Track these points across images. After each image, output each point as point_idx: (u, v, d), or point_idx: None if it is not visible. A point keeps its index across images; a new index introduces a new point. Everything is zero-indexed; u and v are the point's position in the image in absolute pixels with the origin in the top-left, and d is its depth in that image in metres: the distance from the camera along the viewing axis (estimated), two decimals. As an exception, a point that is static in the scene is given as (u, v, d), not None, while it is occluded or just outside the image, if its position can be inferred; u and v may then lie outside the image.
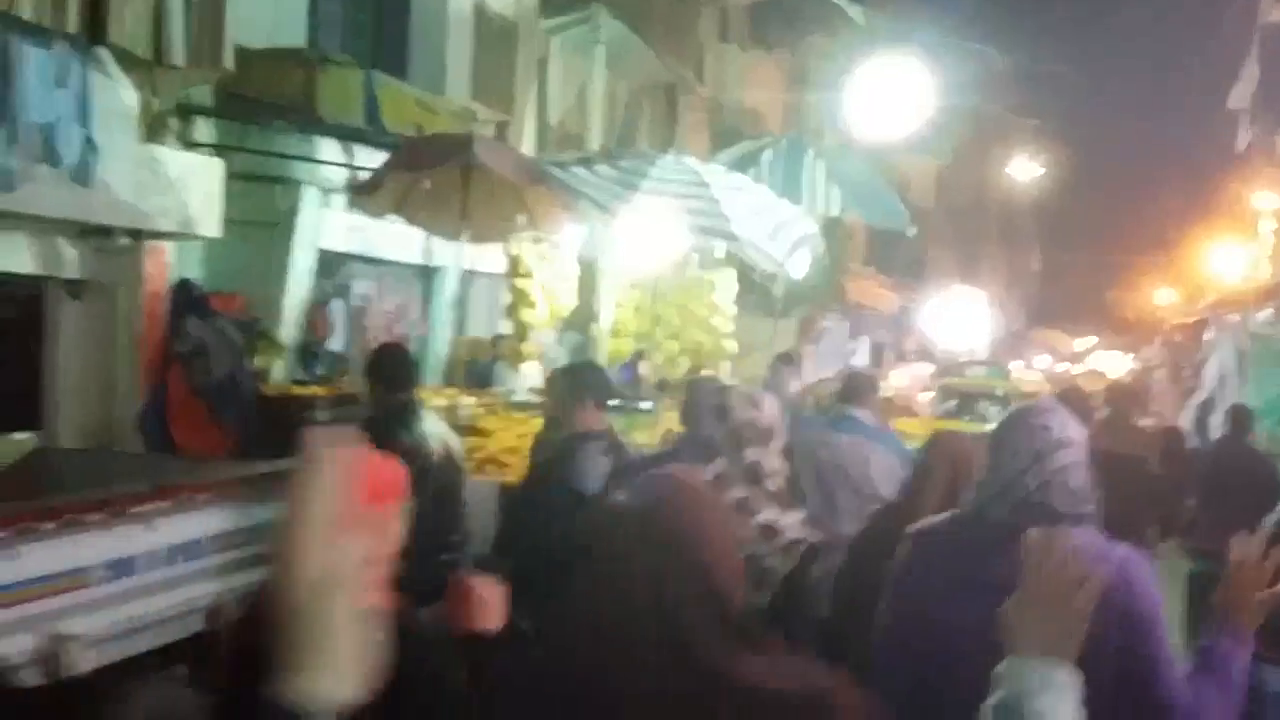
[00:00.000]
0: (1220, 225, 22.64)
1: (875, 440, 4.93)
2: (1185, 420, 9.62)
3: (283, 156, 9.25)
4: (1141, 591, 2.24)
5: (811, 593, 3.22)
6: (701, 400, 4.18)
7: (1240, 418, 7.01)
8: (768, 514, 3.19)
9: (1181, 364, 14.49)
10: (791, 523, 3.22)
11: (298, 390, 8.28)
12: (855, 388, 5.42)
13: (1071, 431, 2.43)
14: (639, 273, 9.20)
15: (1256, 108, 24.51)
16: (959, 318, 21.86)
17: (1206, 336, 12.23)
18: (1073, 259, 44.72)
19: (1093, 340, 34.55)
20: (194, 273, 8.16)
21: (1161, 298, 27.91)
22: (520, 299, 9.24)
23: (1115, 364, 24.48)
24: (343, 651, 1.08)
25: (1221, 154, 28.88)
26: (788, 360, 7.49)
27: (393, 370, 4.68)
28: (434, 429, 4.59)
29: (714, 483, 3.07)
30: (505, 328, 10.53)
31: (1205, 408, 9.94)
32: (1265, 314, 11.70)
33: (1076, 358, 30.94)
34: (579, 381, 4.61)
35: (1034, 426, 2.42)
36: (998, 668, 1.57)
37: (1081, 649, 1.56)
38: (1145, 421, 9.84)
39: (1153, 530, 6.05)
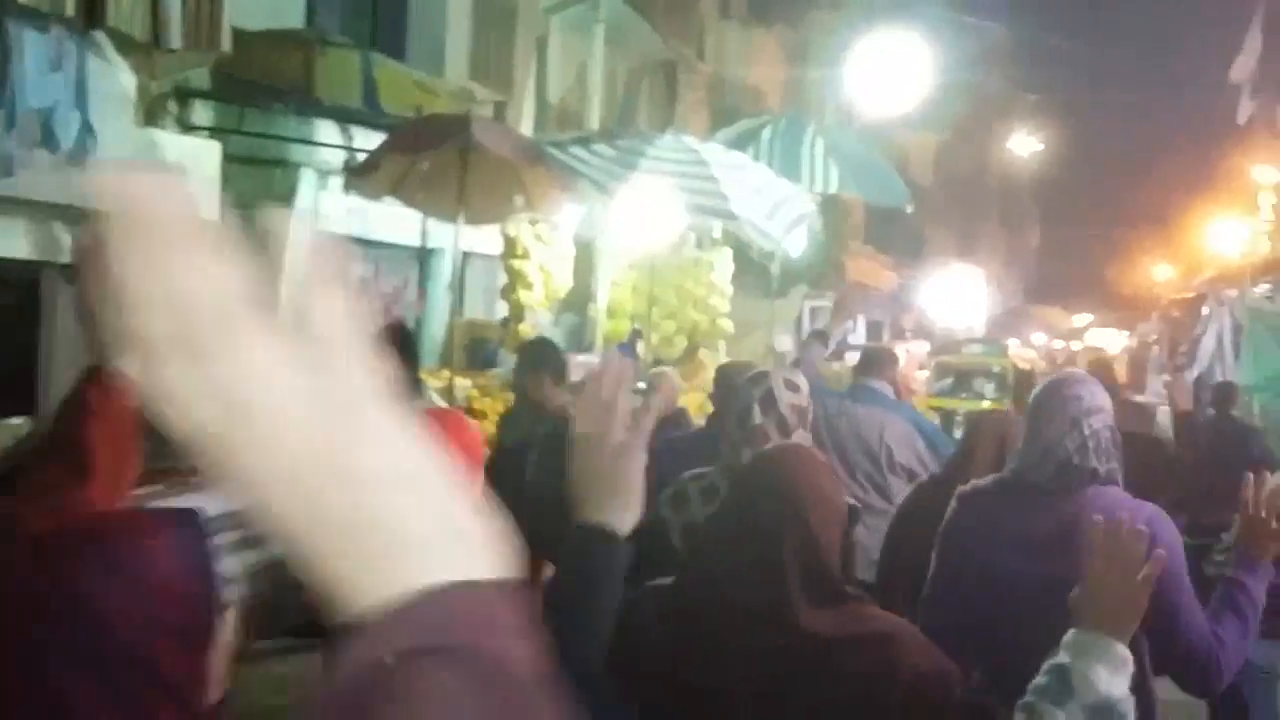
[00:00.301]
0: (1220, 200, 22.61)
1: (893, 411, 5.06)
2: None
3: (280, 139, 9.25)
4: (1169, 542, 2.39)
5: (852, 553, 3.37)
6: (741, 386, 4.20)
7: (1225, 394, 7.08)
8: None
9: (1179, 340, 14.51)
10: None
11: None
12: (873, 360, 5.54)
13: (1101, 399, 2.68)
14: (636, 253, 9.21)
15: (1258, 80, 24.43)
16: (956, 295, 21.87)
17: (1204, 312, 12.26)
18: (1071, 235, 44.71)
19: (1089, 317, 34.56)
20: (192, 256, 8.16)
21: (1159, 273, 27.91)
22: (517, 280, 9.25)
23: (1112, 340, 24.49)
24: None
25: (1222, 127, 28.84)
26: (821, 338, 7.77)
27: (399, 348, 4.74)
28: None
29: None
30: (502, 309, 10.56)
31: (1200, 383, 9.98)
32: (1263, 289, 11.72)
33: (1074, 334, 30.95)
34: (533, 357, 4.77)
35: (1068, 396, 2.66)
36: (1065, 637, 1.76)
37: None
38: (1140, 398, 9.88)
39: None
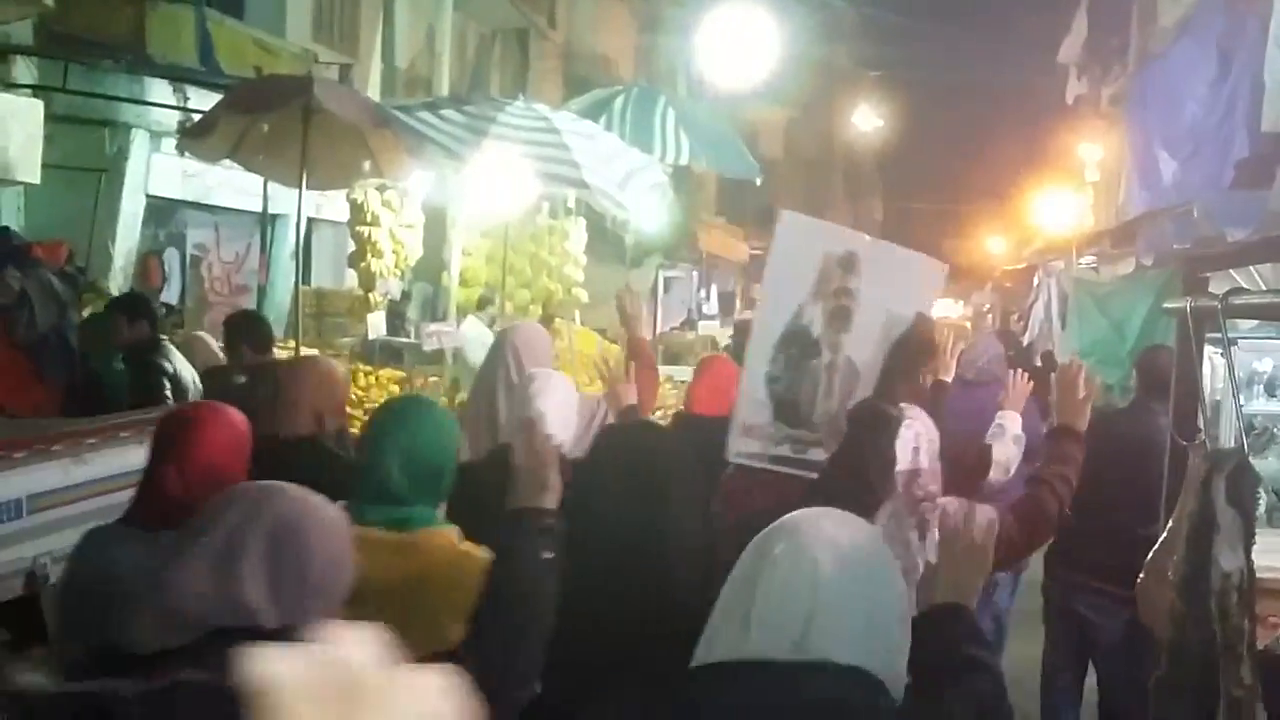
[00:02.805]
0: (1050, 176, 23.70)
1: None
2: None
3: (110, 98, 8.81)
4: None
5: None
6: None
7: (1048, 362, 7.46)
8: None
9: (1010, 309, 15.22)
10: None
11: (130, 343, 7.96)
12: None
13: None
14: (489, 221, 9.10)
15: (1084, 61, 25.66)
16: (805, 266, 22.37)
17: (1035, 282, 12.89)
18: (913, 208, 46.28)
19: (931, 287, 35.85)
20: (13, 221, 7.73)
21: (994, 246, 29.12)
22: (365, 247, 9.03)
23: (948, 309, 25.51)
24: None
25: (1052, 107, 30.17)
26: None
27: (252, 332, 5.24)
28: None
29: None
30: (351, 278, 10.31)
31: (1031, 350, 10.51)
32: (1087, 260, 12.38)
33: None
34: (234, 328, 5.44)
35: None
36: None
37: None
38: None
39: None
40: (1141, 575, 2.83)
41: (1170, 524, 2.70)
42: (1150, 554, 2.81)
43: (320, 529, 1.74)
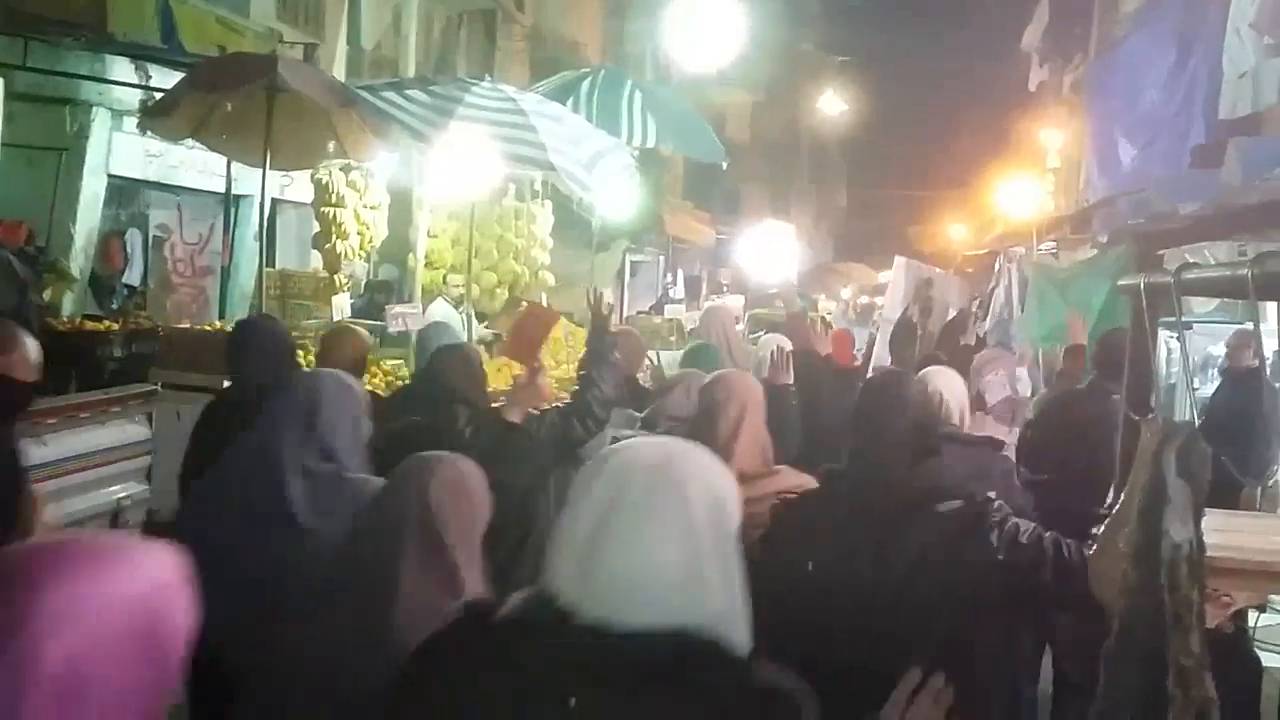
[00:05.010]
0: (1012, 162, 23.88)
1: None
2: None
3: (70, 76, 8.71)
4: None
5: None
6: None
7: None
8: None
9: (974, 293, 15.35)
10: None
11: (90, 324, 7.91)
12: None
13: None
14: (455, 203, 9.07)
15: (1046, 48, 25.86)
16: (770, 251, 22.46)
17: (996, 268, 13.01)
18: (876, 194, 46.45)
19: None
20: (-29, 200, 7.62)
21: (956, 232, 29.30)
22: (330, 228, 8.97)
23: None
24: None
25: (1015, 94, 30.34)
26: None
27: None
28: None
29: None
30: (315, 259, 10.24)
31: (993, 334, 10.62)
32: (1047, 245, 12.51)
33: (880, 289, 32.29)
34: None
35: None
36: None
37: None
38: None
39: None
40: (1093, 548, 2.90)
41: (1122, 497, 2.77)
42: (1102, 527, 2.87)
43: None
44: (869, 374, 4.27)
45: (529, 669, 1.53)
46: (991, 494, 2.71)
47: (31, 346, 3.40)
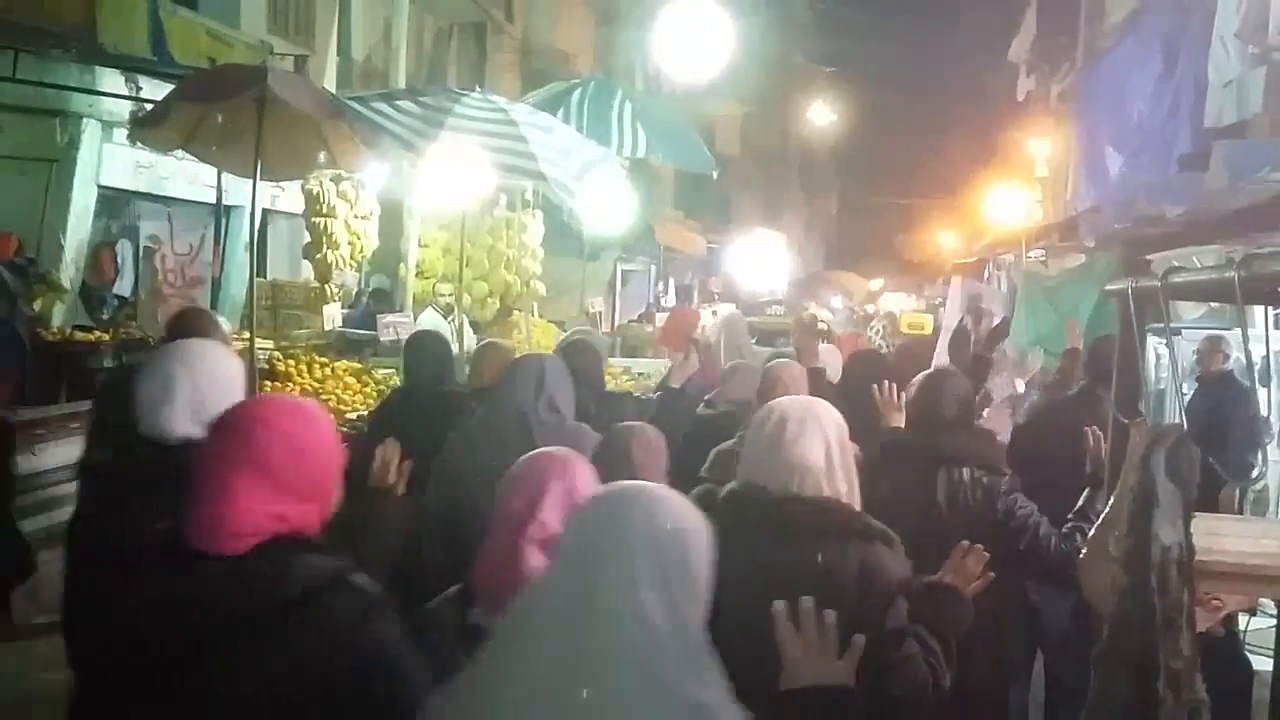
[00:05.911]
0: (1001, 171, 23.99)
1: None
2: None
3: (60, 88, 8.70)
4: None
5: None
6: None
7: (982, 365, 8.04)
8: None
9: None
10: None
11: (81, 335, 7.90)
12: None
13: None
14: (446, 213, 9.08)
15: (1034, 59, 26.01)
16: (761, 260, 22.52)
17: (985, 276, 13.06)
18: (866, 203, 46.62)
19: (883, 281, 36.22)
20: (-39, 211, 7.61)
21: (946, 240, 29.41)
22: (321, 239, 8.97)
23: (901, 303, 25.78)
24: None
25: (1003, 103, 30.52)
26: None
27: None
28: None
29: None
30: (306, 269, 10.25)
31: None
32: (1036, 253, 12.57)
33: (870, 297, 32.37)
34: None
35: None
36: None
37: None
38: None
39: None
40: (1084, 551, 2.92)
41: (1112, 500, 2.78)
42: (1092, 530, 2.89)
43: None
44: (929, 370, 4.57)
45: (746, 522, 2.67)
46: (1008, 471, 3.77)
47: None
